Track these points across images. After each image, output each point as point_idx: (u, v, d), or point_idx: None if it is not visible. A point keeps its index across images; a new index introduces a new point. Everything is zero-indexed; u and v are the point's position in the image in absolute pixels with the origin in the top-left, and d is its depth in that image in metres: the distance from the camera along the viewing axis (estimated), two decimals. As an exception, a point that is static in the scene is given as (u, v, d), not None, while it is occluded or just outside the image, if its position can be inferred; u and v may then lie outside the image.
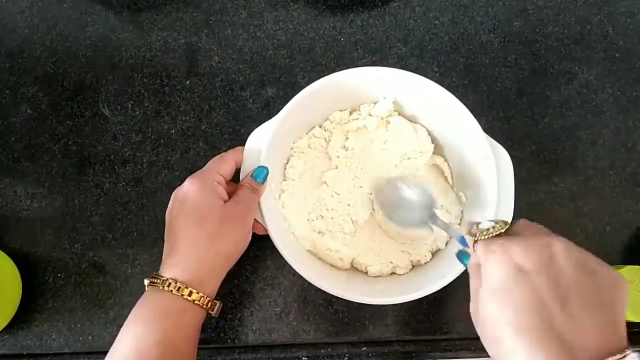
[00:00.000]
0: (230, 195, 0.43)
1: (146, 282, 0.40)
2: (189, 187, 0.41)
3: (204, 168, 0.44)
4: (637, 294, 0.46)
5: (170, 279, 0.38)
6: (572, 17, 0.55)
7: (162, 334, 0.37)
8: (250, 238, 0.43)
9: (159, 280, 0.38)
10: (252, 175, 0.43)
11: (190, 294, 0.38)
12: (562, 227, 0.51)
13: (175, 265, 0.39)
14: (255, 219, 0.43)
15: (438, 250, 0.47)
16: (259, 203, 0.43)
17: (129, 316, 0.38)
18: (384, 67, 0.44)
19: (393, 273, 0.46)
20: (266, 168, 0.44)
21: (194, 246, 0.39)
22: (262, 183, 0.43)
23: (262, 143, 0.43)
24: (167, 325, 0.37)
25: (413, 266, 0.46)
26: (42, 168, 0.52)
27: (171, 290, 0.38)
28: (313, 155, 0.48)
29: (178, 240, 0.40)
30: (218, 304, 0.41)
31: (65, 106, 0.53)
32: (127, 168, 0.52)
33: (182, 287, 0.38)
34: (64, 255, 0.50)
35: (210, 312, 0.40)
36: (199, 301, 0.38)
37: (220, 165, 0.43)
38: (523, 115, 0.53)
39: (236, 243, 0.42)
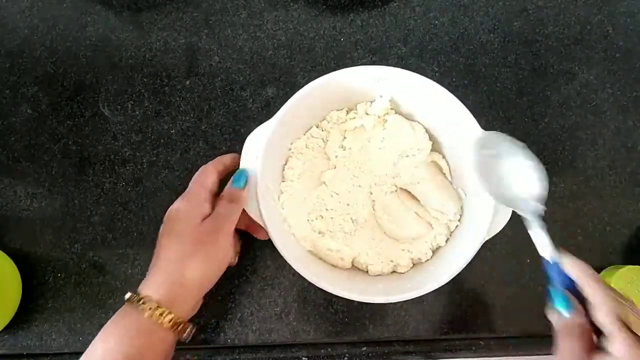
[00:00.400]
0: None
1: (126, 296, 0.39)
2: (176, 206, 0.41)
3: (190, 184, 0.43)
4: (637, 293, 0.46)
5: (146, 296, 0.38)
6: (572, 17, 0.55)
7: (132, 350, 0.36)
8: (230, 254, 0.42)
9: (135, 297, 0.38)
10: (231, 182, 0.42)
11: (162, 313, 0.37)
12: (562, 227, 0.51)
13: (153, 282, 0.39)
14: (257, 222, 0.43)
15: (438, 247, 0.47)
16: (258, 204, 0.43)
17: (105, 325, 0.38)
18: (379, 66, 0.44)
19: (394, 272, 0.46)
20: (245, 170, 0.43)
21: (170, 266, 0.39)
22: (243, 187, 0.42)
23: (260, 145, 0.43)
24: (138, 343, 0.37)
25: (414, 264, 0.46)
26: (42, 168, 0.52)
27: (144, 309, 0.37)
28: (311, 155, 0.48)
29: (159, 258, 0.40)
30: (190, 328, 0.40)
31: (65, 106, 0.53)
32: (127, 168, 0.52)
33: (155, 306, 0.37)
34: (64, 255, 0.50)
35: (181, 334, 0.39)
36: (170, 322, 0.38)
37: (203, 179, 0.43)
38: (523, 115, 0.53)
39: (211, 263, 0.40)
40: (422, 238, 0.46)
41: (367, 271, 0.46)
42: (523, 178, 0.40)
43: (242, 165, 0.44)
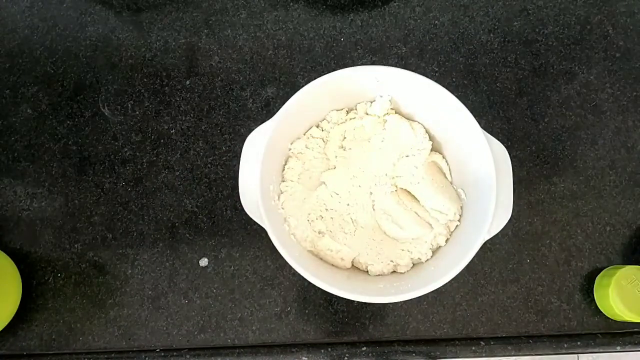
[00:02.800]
0: None
1: None
2: None
3: None
4: (637, 293, 0.46)
5: None
6: (572, 17, 0.55)
7: None
8: None
9: None
10: None
11: None
12: (562, 227, 0.51)
13: None
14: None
15: (439, 247, 0.47)
16: (258, 204, 0.43)
17: None
18: (380, 66, 0.44)
19: (394, 272, 0.46)
20: None
21: None
22: None
23: (260, 145, 0.43)
24: None
25: (414, 264, 0.46)
26: (42, 168, 0.52)
27: None
28: (311, 155, 0.48)
29: None
30: None
31: (65, 106, 0.53)
32: (127, 168, 0.52)
33: None
34: (64, 255, 0.50)
35: None
36: None
37: None
38: (523, 115, 0.53)
39: None
40: (422, 238, 0.46)
41: (367, 271, 0.46)
42: None
43: (241, 166, 0.44)
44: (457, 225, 0.46)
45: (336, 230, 0.46)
